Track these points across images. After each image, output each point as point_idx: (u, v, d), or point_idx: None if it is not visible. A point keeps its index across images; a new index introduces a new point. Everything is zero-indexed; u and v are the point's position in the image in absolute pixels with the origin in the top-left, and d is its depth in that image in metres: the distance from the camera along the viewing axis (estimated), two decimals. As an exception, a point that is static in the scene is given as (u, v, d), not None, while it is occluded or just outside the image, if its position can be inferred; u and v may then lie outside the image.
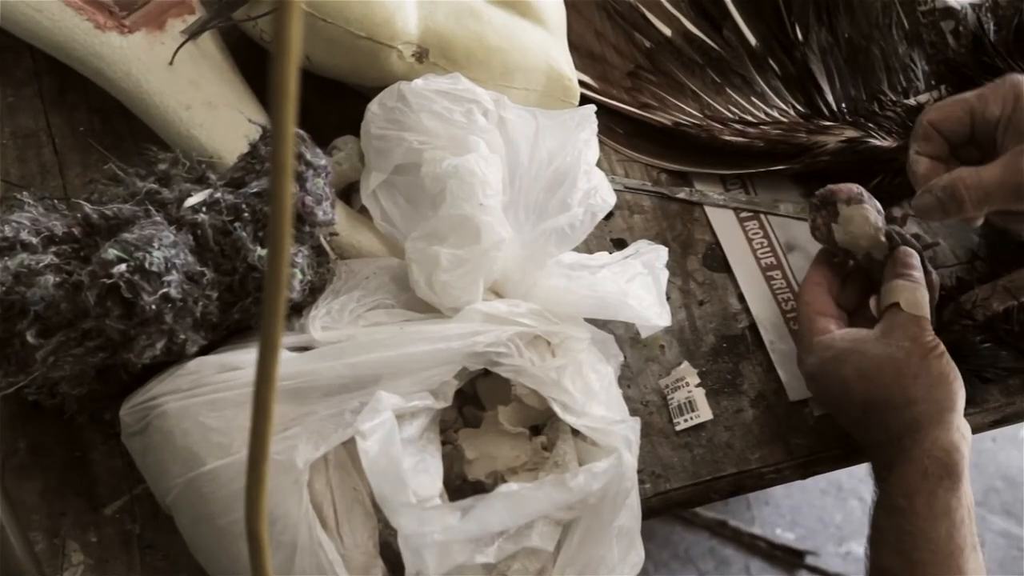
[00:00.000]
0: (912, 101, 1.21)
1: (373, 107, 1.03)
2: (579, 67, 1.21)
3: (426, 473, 0.91)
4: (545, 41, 1.12)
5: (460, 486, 0.97)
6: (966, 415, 1.07)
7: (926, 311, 1.02)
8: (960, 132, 1.04)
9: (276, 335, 0.56)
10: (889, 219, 1.07)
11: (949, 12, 1.26)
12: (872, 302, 1.07)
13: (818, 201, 1.08)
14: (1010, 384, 1.10)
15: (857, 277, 1.09)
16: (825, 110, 1.21)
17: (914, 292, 1.03)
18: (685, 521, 2.06)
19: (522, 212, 1.01)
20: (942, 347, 1.00)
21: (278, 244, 0.54)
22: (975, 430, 1.08)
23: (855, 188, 1.07)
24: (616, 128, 1.22)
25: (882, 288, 1.05)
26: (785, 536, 2.08)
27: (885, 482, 0.99)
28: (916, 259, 1.06)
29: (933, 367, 0.99)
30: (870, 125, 1.18)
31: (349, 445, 0.90)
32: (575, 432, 0.97)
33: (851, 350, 1.01)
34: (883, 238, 1.05)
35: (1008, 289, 1.11)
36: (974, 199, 1.01)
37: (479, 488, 0.96)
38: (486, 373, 0.98)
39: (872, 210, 1.06)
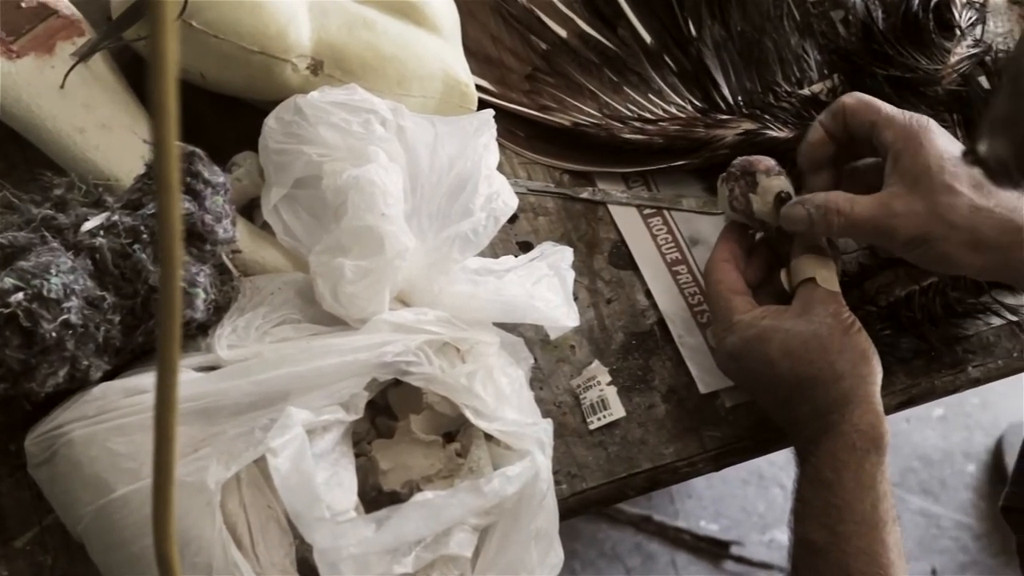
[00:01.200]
0: (806, 91, 1.22)
1: (270, 121, 1.03)
2: (476, 72, 1.21)
3: (340, 487, 0.90)
4: (440, 48, 1.12)
5: (376, 497, 0.97)
6: (873, 398, 1.10)
7: (838, 286, 1.04)
8: (859, 132, 1.06)
9: (174, 358, 0.56)
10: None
11: (838, 2, 1.28)
12: (783, 276, 1.08)
13: (737, 171, 1.09)
14: (914, 365, 1.12)
15: (760, 251, 1.11)
16: (722, 104, 1.22)
17: (827, 267, 1.05)
18: (610, 518, 2.06)
19: (425, 220, 1.01)
20: (859, 322, 1.03)
21: (170, 265, 0.53)
22: (883, 412, 1.10)
23: (771, 160, 1.09)
24: (516, 131, 1.22)
25: (792, 262, 1.07)
26: (709, 528, 2.09)
27: (812, 455, 1.00)
28: None
29: (856, 343, 1.01)
30: (766, 117, 1.19)
31: (261, 463, 0.89)
32: (488, 437, 0.97)
33: (774, 328, 1.02)
34: None
35: (910, 275, 1.12)
36: (841, 226, 1.03)
37: (395, 498, 0.95)
38: (397, 383, 0.98)
39: (788, 183, 1.07)
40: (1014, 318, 1.14)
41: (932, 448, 2.15)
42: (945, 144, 1.03)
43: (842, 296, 1.04)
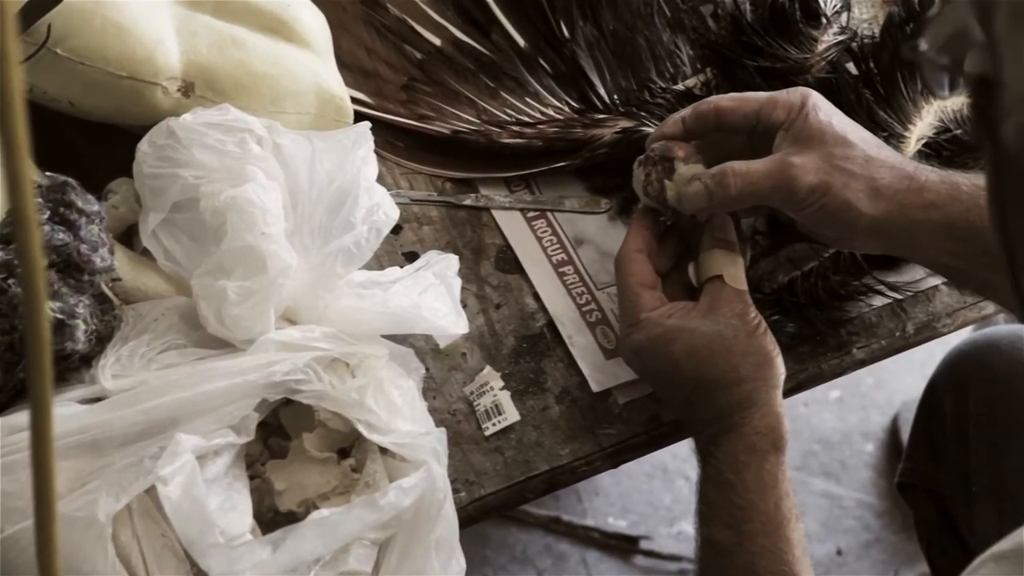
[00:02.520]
0: (680, 86, 1.23)
1: (143, 146, 1.01)
2: (352, 85, 1.21)
3: (234, 511, 0.90)
4: (312, 63, 1.11)
5: (273, 519, 0.96)
6: (762, 385, 1.11)
7: (745, 283, 1.05)
8: (741, 127, 1.07)
9: (45, 393, 0.55)
10: None
11: (708, -4, 1.29)
12: (691, 270, 1.08)
13: (656, 156, 1.07)
14: (800, 351, 1.13)
15: (671, 238, 1.10)
16: (598, 103, 1.23)
17: (735, 264, 1.05)
18: (519, 521, 2.06)
19: (307, 236, 1.01)
20: (764, 324, 1.03)
21: (34, 300, 0.53)
22: (772, 399, 1.11)
23: (690, 147, 1.07)
24: (396, 142, 1.22)
25: (700, 256, 1.06)
26: (618, 524, 2.10)
27: (713, 457, 1.01)
28: (732, 225, 1.07)
29: (760, 346, 1.02)
30: (643, 114, 1.20)
31: (153, 492, 0.88)
32: (383, 450, 0.97)
33: (680, 328, 1.02)
34: None
35: (791, 260, 1.14)
36: (740, 187, 1.02)
37: (292, 518, 0.95)
38: (287, 402, 0.97)
39: (704, 170, 1.06)
40: (898, 296, 1.16)
41: (831, 430, 2.18)
42: (829, 107, 1.05)
43: (748, 295, 1.05)
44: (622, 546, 2.08)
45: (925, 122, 1.17)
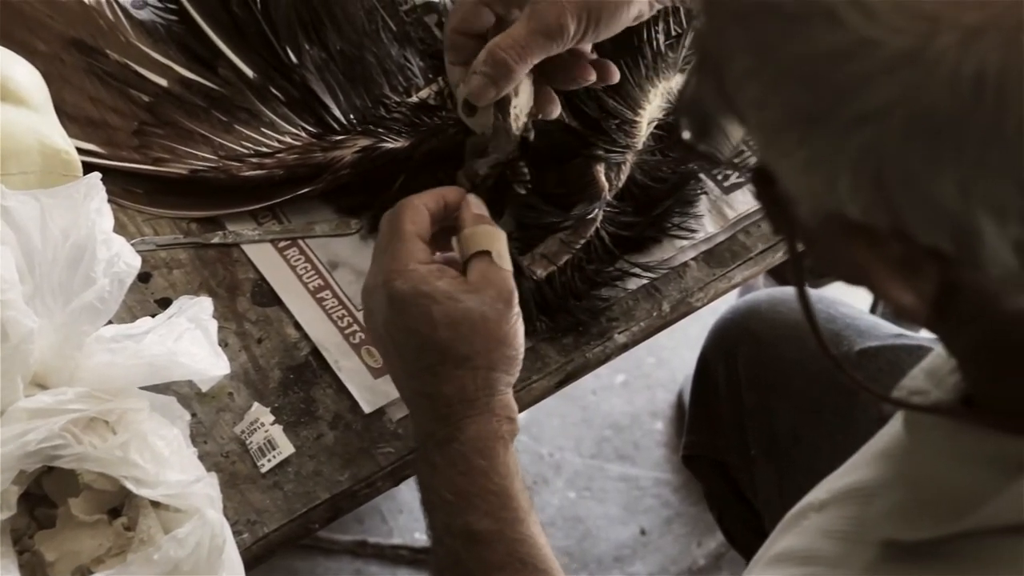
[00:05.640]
0: (415, 98, 1.24)
1: None
2: (80, 136, 1.18)
3: (2, 590, 0.86)
4: (31, 120, 1.08)
5: (48, 592, 0.93)
6: (532, 383, 1.12)
7: (510, 263, 1.04)
8: (486, 23, 1.07)
9: None
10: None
11: (430, 7, 1.30)
12: (455, 243, 1.05)
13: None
14: (564, 343, 1.14)
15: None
16: (335, 125, 1.22)
17: (501, 241, 1.03)
18: (324, 551, 2.04)
19: (48, 297, 0.98)
20: (521, 314, 1.02)
21: None
22: (543, 395, 1.13)
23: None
24: (134, 189, 1.20)
25: (465, 232, 1.04)
26: (425, 539, 2.10)
27: (456, 442, 0.99)
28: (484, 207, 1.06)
29: (518, 336, 1.02)
30: (380, 130, 1.20)
31: (-85, 584, 0.85)
32: (156, 504, 0.95)
33: (447, 294, 0.99)
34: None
35: (545, 256, 1.15)
36: (515, 57, 1.02)
37: (68, 588, 0.92)
38: (49, 469, 0.95)
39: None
40: (652, 275, 1.18)
41: (620, 414, 2.21)
42: None
43: (513, 279, 1.03)
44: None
45: (654, 105, 1.19)
